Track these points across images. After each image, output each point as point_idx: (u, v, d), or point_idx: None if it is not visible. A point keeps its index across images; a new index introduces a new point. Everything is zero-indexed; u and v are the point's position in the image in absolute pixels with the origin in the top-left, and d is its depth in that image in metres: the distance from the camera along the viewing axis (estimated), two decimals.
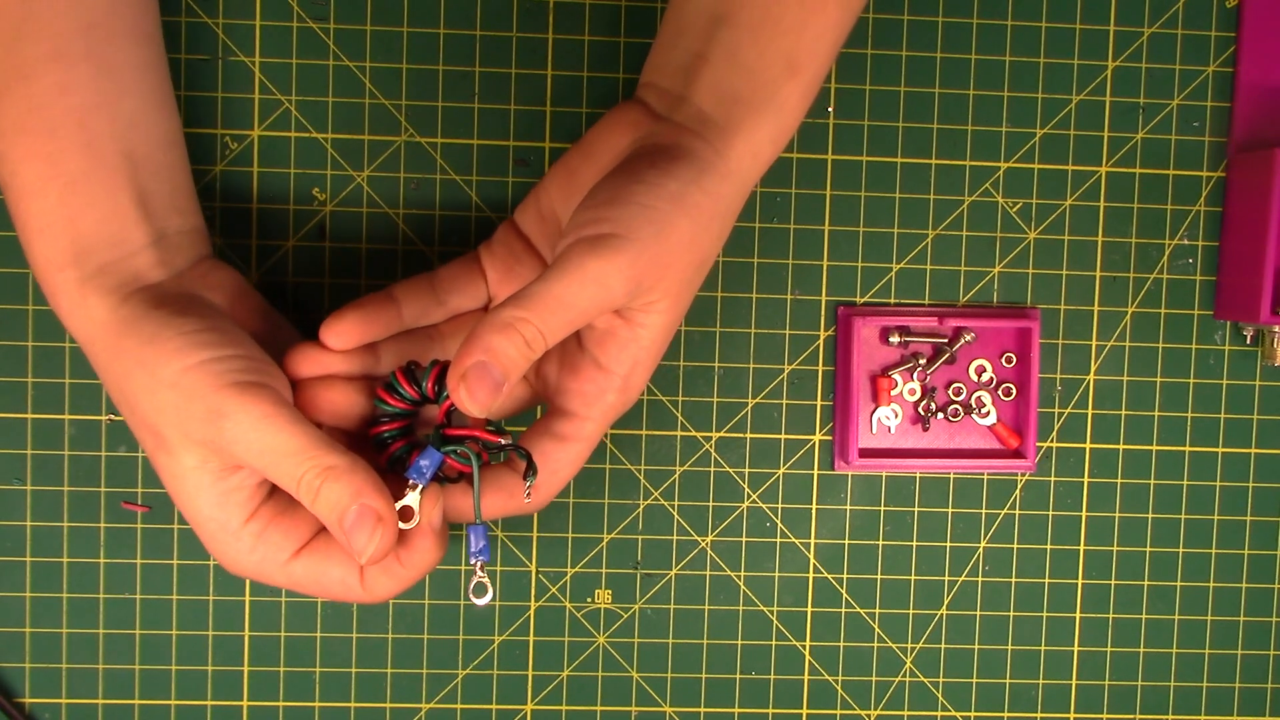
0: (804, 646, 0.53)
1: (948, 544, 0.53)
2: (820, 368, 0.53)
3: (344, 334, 0.43)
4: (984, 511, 0.54)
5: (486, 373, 0.37)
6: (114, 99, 0.41)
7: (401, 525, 0.41)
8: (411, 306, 0.45)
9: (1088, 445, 0.54)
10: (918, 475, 0.53)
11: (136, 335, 0.40)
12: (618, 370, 0.42)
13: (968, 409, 0.53)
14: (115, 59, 0.41)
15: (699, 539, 0.53)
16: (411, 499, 0.41)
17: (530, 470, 0.41)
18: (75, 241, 0.41)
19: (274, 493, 0.42)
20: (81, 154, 0.40)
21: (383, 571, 0.41)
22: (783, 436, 0.53)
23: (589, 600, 0.53)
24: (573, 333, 0.42)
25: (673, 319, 0.42)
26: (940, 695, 0.54)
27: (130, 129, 0.42)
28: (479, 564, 0.42)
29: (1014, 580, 0.54)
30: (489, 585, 0.43)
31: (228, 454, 0.39)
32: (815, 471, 0.53)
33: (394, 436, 0.43)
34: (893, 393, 0.53)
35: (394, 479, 0.42)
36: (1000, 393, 0.53)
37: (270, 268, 0.50)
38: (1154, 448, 0.54)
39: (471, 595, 0.43)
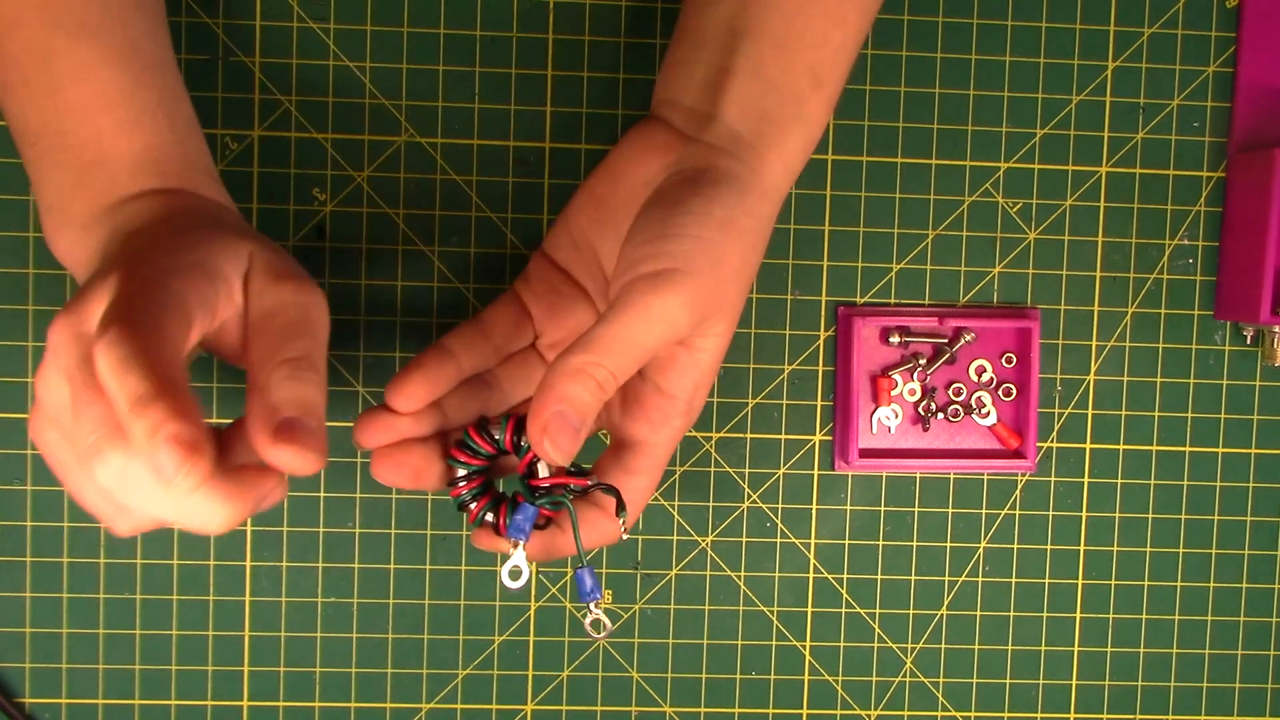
0: (804, 646, 0.53)
1: (948, 544, 0.53)
2: (820, 368, 0.53)
3: (410, 396, 0.42)
4: (984, 512, 0.54)
5: (566, 421, 0.37)
6: (161, 54, 0.42)
7: (510, 584, 0.41)
8: (469, 356, 0.44)
9: (1088, 445, 0.54)
10: (918, 475, 0.53)
11: (181, 220, 0.39)
12: (681, 395, 0.42)
13: (968, 409, 0.53)
14: (146, 26, 0.42)
15: (699, 539, 0.53)
16: (519, 558, 0.41)
17: (621, 507, 0.41)
18: (148, 148, 0.40)
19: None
20: (158, 79, 0.41)
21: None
22: (783, 436, 0.53)
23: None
24: None
25: (727, 340, 0.42)
26: (940, 695, 0.54)
27: (177, 78, 0.43)
28: (594, 603, 0.42)
29: (1014, 580, 0.54)
30: (607, 622, 0.43)
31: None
32: (815, 471, 0.53)
33: (475, 495, 0.43)
34: (893, 393, 0.53)
35: (484, 533, 0.42)
36: (1000, 393, 0.53)
37: None
38: (1154, 448, 0.54)
39: (590, 631, 0.43)
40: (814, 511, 0.53)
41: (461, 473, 0.43)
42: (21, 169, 0.49)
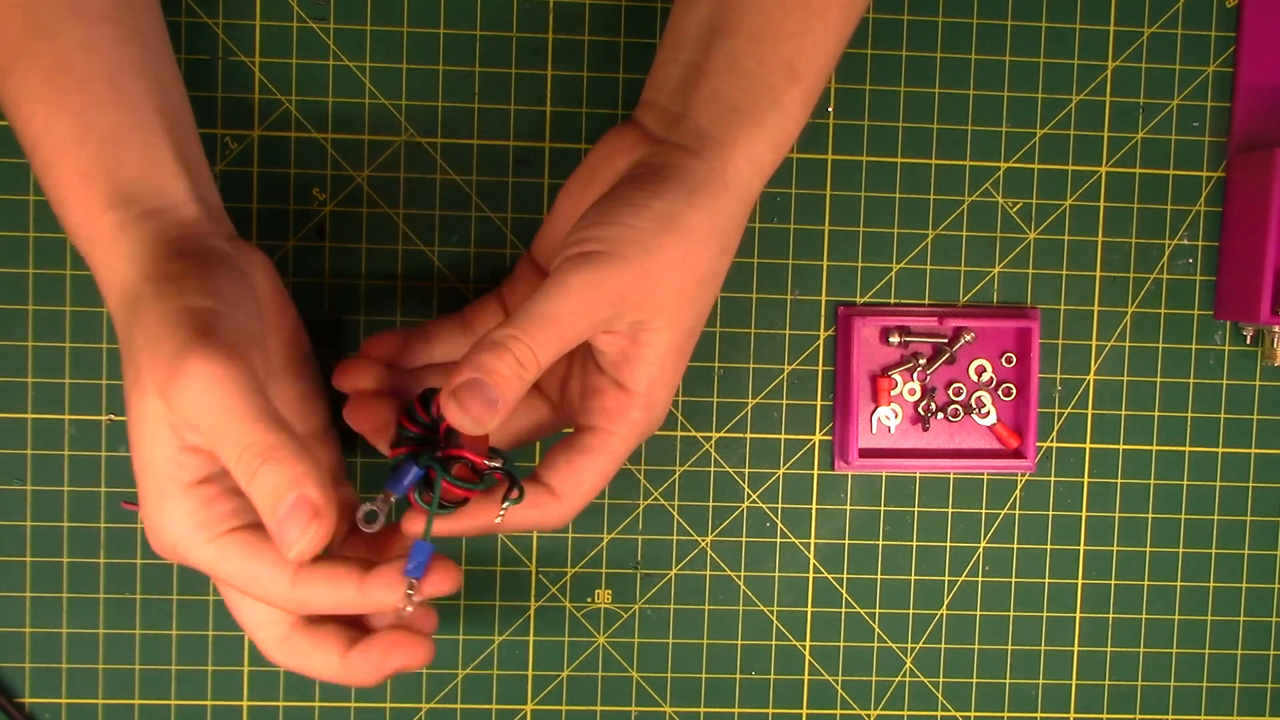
0: (804, 646, 0.53)
1: (948, 544, 0.53)
2: (820, 368, 0.53)
3: (382, 344, 0.45)
4: (984, 511, 0.54)
5: (479, 390, 0.37)
6: (140, 60, 0.41)
7: (363, 527, 0.40)
8: (443, 343, 0.46)
9: (1088, 445, 0.54)
10: (918, 475, 0.53)
11: (165, 270, 0.39)
12: (637, 389, 0.42)
13: (968, 409, 0.53)
14: (133, 22, 0.41)
15: (699, 539, 0.53)
16: (378, 505, 0.40)
17: (512, 493, 0.41)
18: (117, 188, 0.40)
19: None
20: (115, 109, 0.40)
21: (326, 578, 0.38)
22: (783, 436, 0.53)
23: (589, 600, 0.53)
24: (594, 362, 0.42)
25: (678, 337, 0.41)
26: (940, 695, 0.54)
27: (159, 91, 0.41)
28: (408, 583, 0.39)
29: (1014, 580, 0.54)
30: (415, 601, 0.39)
31: (176, 410, 0.36)
32: (815, 471, 0.53)
33: (407, 459, 0.42)
34: (893, 393, 0.53)
35: (418, 511, 0.41)
36: (1000, 393, 0.53)
37: None
38: (1154, 448, 0.54)
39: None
40: (814, 511, 0.53)
41: (403, 438, 0.42)
42: (22, 169, 0.50)
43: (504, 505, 0.41)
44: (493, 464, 0.41)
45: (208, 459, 0.37)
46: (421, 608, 0.40)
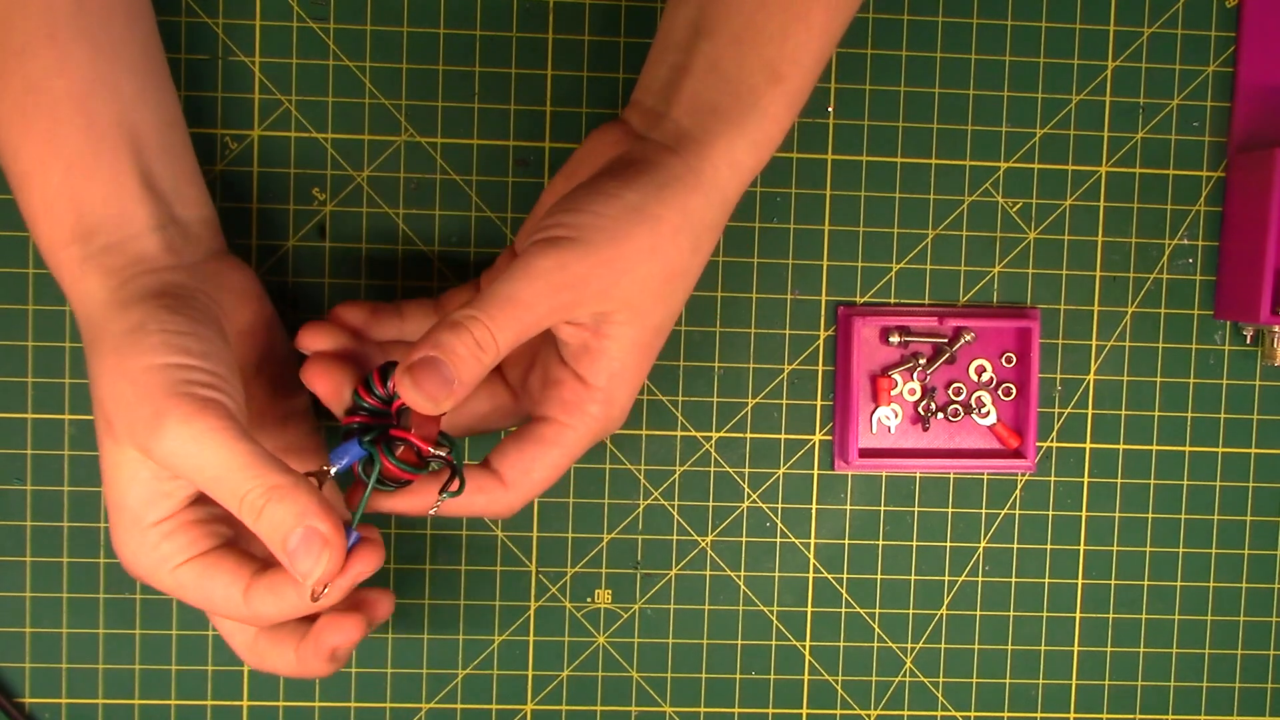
0: (804, 646, 0.53)
1: (948, 544, 0.53)
2: (820, 368, 0.53)
3: (352, 310, 0.45)
4: (984, 511, 0.54)
5: (435, 369, 0.38)
6: (113, 78, 0.41)
7: None
8: (415, 321, 0.46)
9: (1088, 445, 0.54)
10: (918, 475, 0.53)
11: (123, 321, 0.39)
12: (597, 383, 0.41)
13: (968, 409, 0.53)
14: (111, 37, 0.41)
15: (699, 539, 0.53)
16: (319, 475, 0.40)
17: (452, 484, 0.41)
18: (80, 220, 0.40)
19: (196, 502, 0.41)
20: (82, 134, 0.40)
21: (270, 591, 0.39)
22: (783, 436, 0.53)
23: (589, 600, 0.53)
24: (557, 353, 0.42)
25: (642, 333, 0.41)
26: (940, 695, 0.54)
27: (132, 109, 0.41)
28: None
29: (1014, 580, 0.54)
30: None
31: (164, 465, 0.38)
32: (815, 471, 0.53)
33: (356, 429, 0.42)
34: (893, 393, 0.53)
35: (359, 485, 0.41)
36: (1000, 393, 0.53)
37: (270, 268, 0.50)
38: (1154, 448, 0.54)
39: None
40: (814, 511, 0.53)
41: (358, 407, 0.42)
42: None
43: (441, 496, 0.41)
44: (438, 451, 0.40)
45: (179, 499, 0.40)
46: (339, 590, 0.39)
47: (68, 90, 0.40)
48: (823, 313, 0.53)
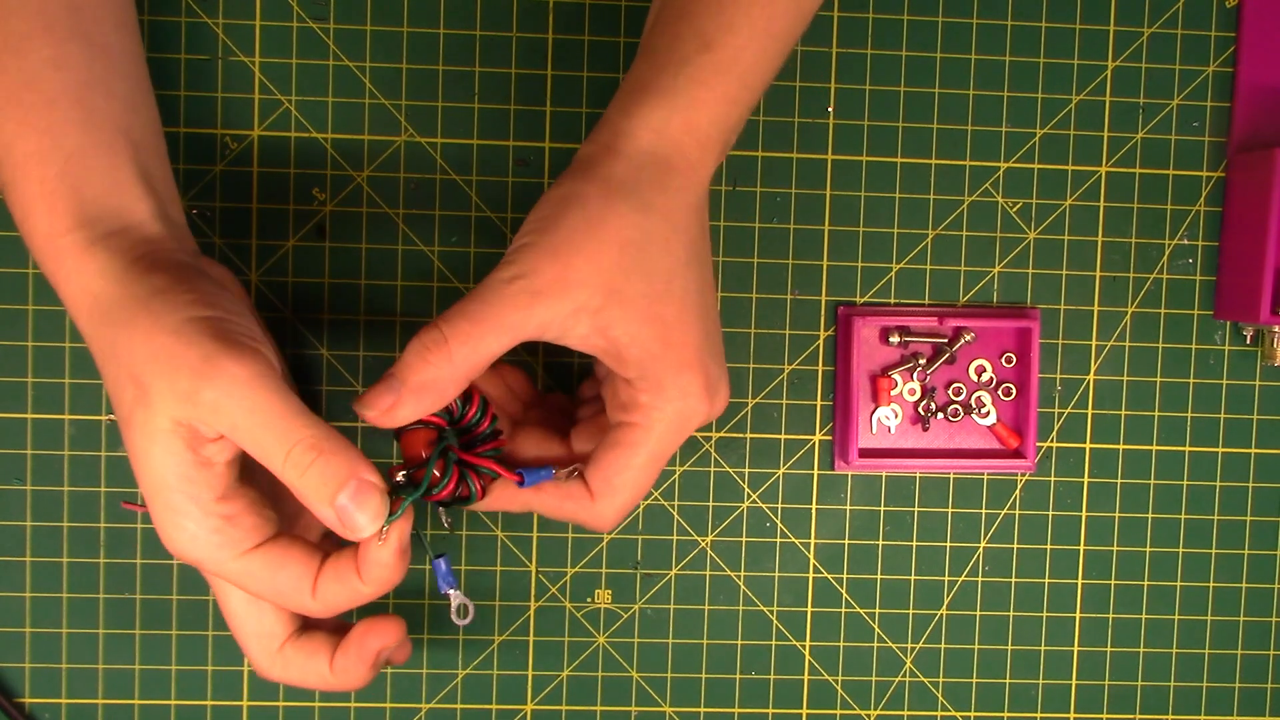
0: (804, 646, 0.53)
1: (948, 544, 0.53)
2: (820, 368, 0.53)
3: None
4: (984, 511, 0.54)
5: (382, 381, 0.40)
6: (107, 79, 0.41)
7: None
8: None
9: (1088, 445, 0.54)
10: (918, 475, 0.53)
11: (148, 284, 0.38)
12: (630, 374, 0.42)
13: (968, 409, 0.53)
14: (104, 40, 0.41)
15: (699, 539, 0.53)
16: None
17: (457, 503, 0.43)
18: (82, 209, 0.40)
19: (241, 478, 0.40)
20: (81, 128, 0.40)
21: (337, 580, 0.39)
22: (783, 436, 0.53)
23: (589, 600, 0.53)
24: (611, 375, 0.43)
25: (634, 311, 0.41)
26: (940, 695, 0.54)
27: (126, 111, 0.41)
28: (452, 590, 0.43)
29: (1014, 580, 0.54)
30: (470, 605, 0.44)
31: (208, 414, 0.37)
32: (815, 471, 0.53)
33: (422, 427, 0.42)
34: (893, 393, 0.53)
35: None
36: (1000, 393, 0.53)
37: (270, 268, 0.51)
38: (1154, 448, 0.54)
39: (454, 617, 0.43)
40: (814, 511, 0.53)
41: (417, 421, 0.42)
42: None
43: (444, 518, 0.43)
44: (494, 473, 0.43)
45: (220, 471, 0.38)
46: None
47: (65, 85, 0.40)
48: (823, 313, 0.53)
